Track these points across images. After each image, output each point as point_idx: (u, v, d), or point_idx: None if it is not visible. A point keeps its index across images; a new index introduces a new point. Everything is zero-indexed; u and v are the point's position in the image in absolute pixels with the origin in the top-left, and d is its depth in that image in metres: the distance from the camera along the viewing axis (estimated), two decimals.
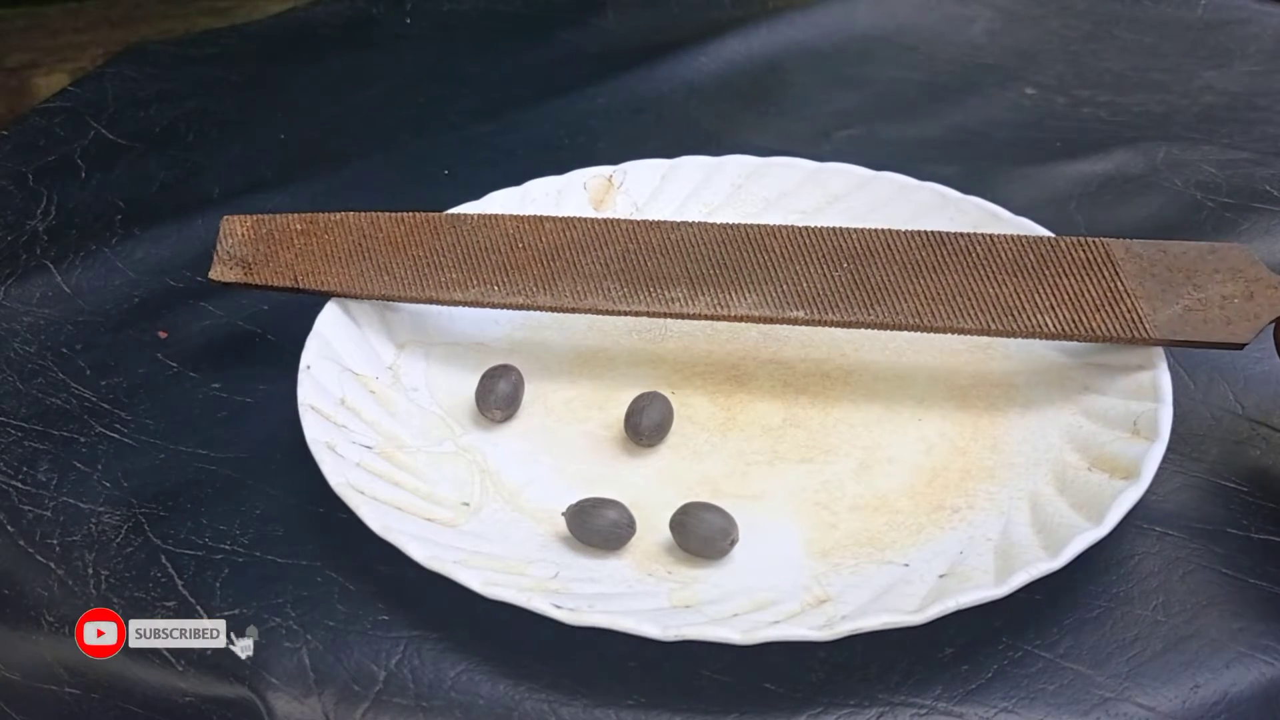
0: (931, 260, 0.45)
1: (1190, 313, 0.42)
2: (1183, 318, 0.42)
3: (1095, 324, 0.42)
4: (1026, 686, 0.36)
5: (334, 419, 0.42)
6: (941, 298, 0.44)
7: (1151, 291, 0.43)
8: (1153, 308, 0.42)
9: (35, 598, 0.41)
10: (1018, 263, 0.44)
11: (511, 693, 0.36)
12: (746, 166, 0.54)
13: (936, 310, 0.43)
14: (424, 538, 0.38)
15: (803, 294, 0.44)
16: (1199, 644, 0.37)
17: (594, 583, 0.38)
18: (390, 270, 0.46)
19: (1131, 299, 0.43)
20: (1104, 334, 0.42)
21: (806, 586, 0.38)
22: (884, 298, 0.44)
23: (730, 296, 0.44)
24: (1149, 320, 0.42)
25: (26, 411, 0.47)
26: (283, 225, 0.48)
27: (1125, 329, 0.42)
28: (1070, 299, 0.43)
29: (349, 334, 0.46)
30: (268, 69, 0.71)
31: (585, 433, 0.45)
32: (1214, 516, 0.41)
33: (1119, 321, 0.42)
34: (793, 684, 0.36)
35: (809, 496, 0.42)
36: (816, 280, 0.44)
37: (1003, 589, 0.36)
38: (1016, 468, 0.42)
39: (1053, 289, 0.43)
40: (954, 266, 0.44)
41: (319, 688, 0.37)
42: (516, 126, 0.64)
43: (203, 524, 0.42)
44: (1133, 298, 0.43)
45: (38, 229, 0.57)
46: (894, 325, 0.43)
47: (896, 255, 0.44)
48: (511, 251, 0.47)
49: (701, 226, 0.46)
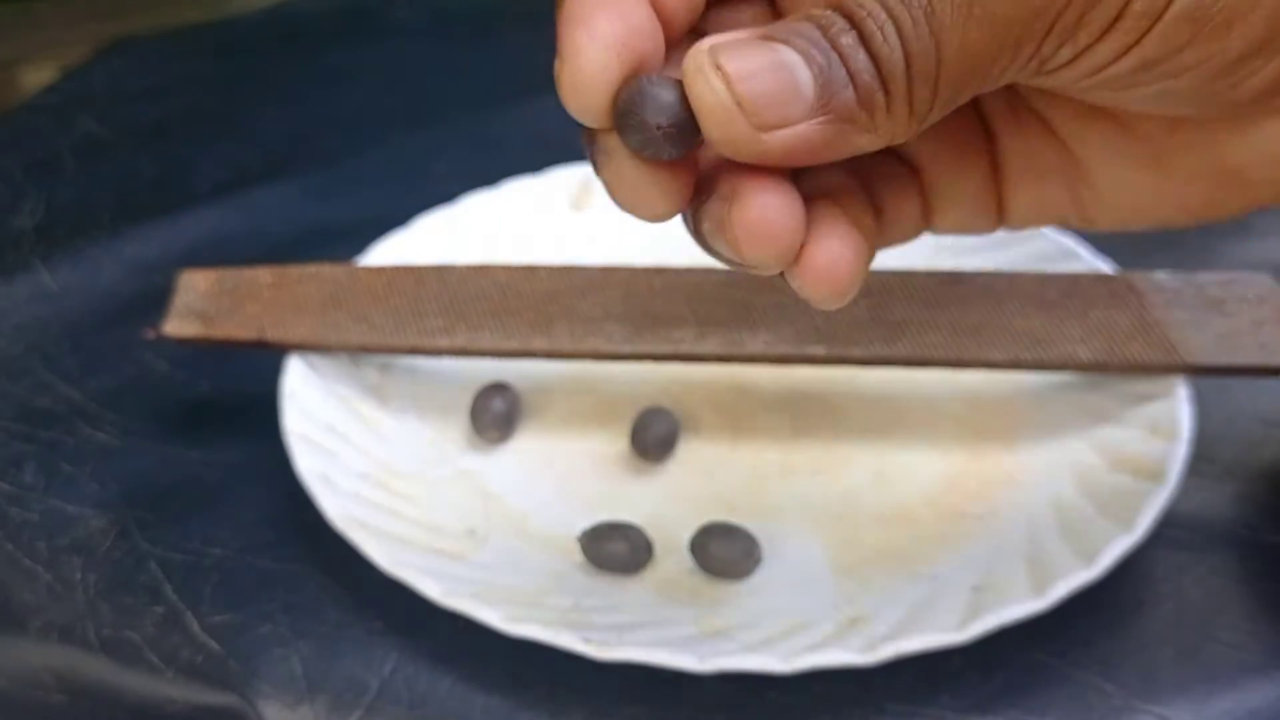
0: (953, 295, 0.43)
1: (1224, 339, 0.41)
2: (1217, 344, 0.41)
3: (1129, 354, 0.41)
4: (1035, 695, 0.36)
5: (325, 446, 0.41)
6: (968, 330, 0.42)
7: (1181, 321, 0.42)
8: (1185, 336, 0.41)
9: (22, 603, 0.41)
10: (1041, 298, 0.43)
11: (508, 702, 0.36)
12: None
13: (964, 343, 0.42)
14: (435, 572, 0.37)
15: (820, 330, 0.42)
16: (1212, 651, 0.36)
17: (616, 611, 0.37)
18: (368, 319, 0.44)
19: (1162, 329, 0.42)
20: (1139, 363, 0.41)
21: (837, 605, 0.37)
22: (907, 331, 0.42)
23: (742, 335, 0.43)
24: (1182, 349, 0.41)
25: (13, 413, 0.47)
26: (249, 279, 0.45)
27: (1158, 358, 0.41)
28: (1100, 330, 0.42)
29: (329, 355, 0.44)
30: (258, 63, 0.70)
31: (588, 451, 0.44)
32: (1227, 520, 0.40)
33: (1152, 351, 0.41)
34: (796, 693, 0.36)
35: (827, 509, 0.41)
36: (834, 316, 0.43)
37: (1044, 601, 0.35)
38: (1035, 471, 0.41)
39: (1080, 321, 0.42)
40: (977, 301, 0.43)
41: (310, 695, 0.36)
42: (512, 121, 0.63)
43: (192, 528, 0.42)
44: (1163, 327, 0.42)
45: (25, 226, 0.57)
46: (920, 361, 0.42)
47: (916, 292, 0.43)
48: (502, 298, 0.44)
49: (708, 270, 0.45)
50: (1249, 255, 0.51)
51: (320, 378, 0.43)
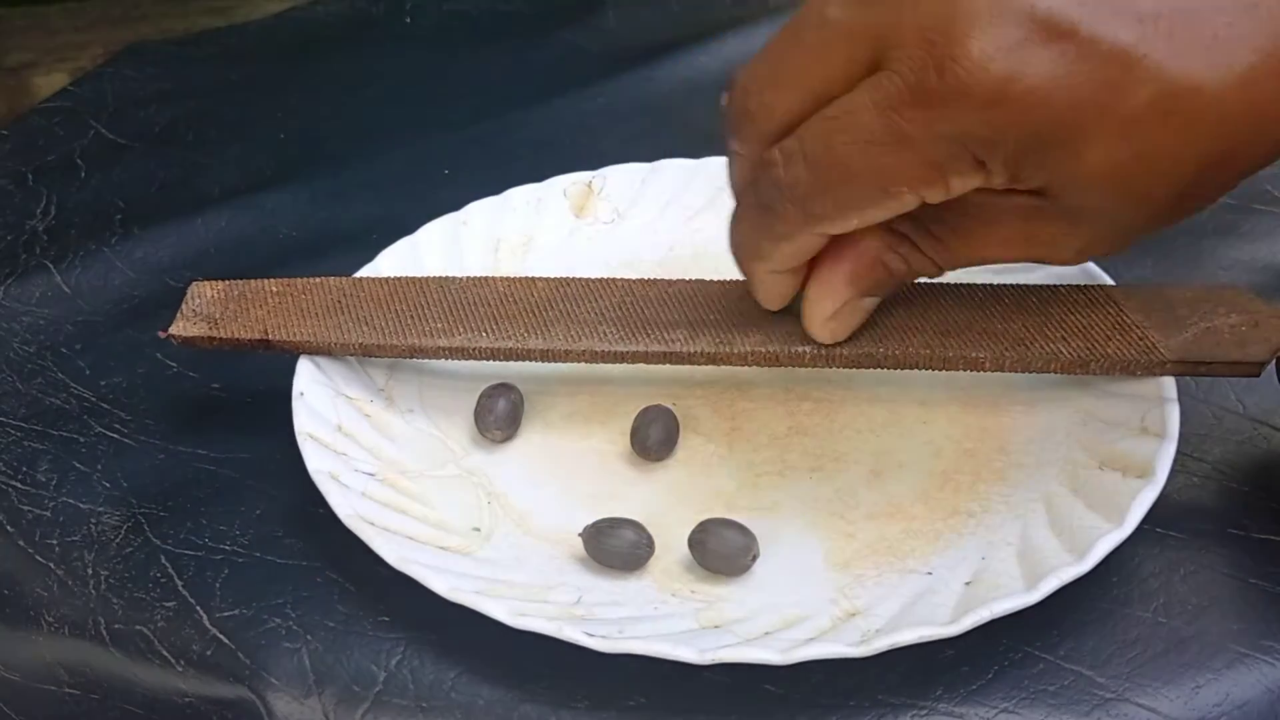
0: (935, 302, 0.44)
1: (1202, 337, 0.42)
2: (1196, 342, 0.42)
3: (1109, 352, 0.42)
4: (1027, 687, 0.36)
5: (334, 447, 0.42)
6: (952, 331, 0.43)
7: (1158, 323, 0.43)
8: (1164, 335, 0.42)
9: (35, 598, 0.41)
10: (1021, 303, 0.44)
11: (512, 694, 0.36)
12: None
13: (948, 343, 0.43)
14: (441, 568, 0.37)
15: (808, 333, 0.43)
16: (1200, 645, 0.37)
17: (618, 606, 0.38)
18: (370, 322, 0.45)
19: (1141, 329, 0.42)
20: (1119, 360, 0.42)
21: (833, 600, 0.38)
22: (893, 334, 0.43)
23: (733, 336, 0.44)
24: (1162, 346, 0.42)
25: (26, 411, 0.47)
26: (256, 288, 0.46)
27: (1140, 354, 0.42)
28: (1080, 331, 0.43)
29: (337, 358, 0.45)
30: (268, 68, 0.71)
31: (590, 449, 0.44)
32: (1215, 516, 0.41)
33: (1133, 348, 0.42)
34: (792, 684, 0.36)
35: (823, 506, 0.42)
36: None
37: (1034, 595, 0.35)
38: (1026, 468, 0.42)
39: (1060, 324, 0.43)
40: (959, 307, 0.44)
41: (319, 688, 0.37)
42: (516, 126, 0.64)
43: (202, 524, 0.42)
44: (1141, 329, 0.42)
45: (37, 229, 0.57)
46: (906, 361, 0.43)
47: (900, 298, 0.44)
48: (501, 304, 0.45)
49: (700, 281, 0.46)
50: (1235, 258, 0.52)
51: (329, 379, 0.44)
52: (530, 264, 0.51)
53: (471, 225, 0.51)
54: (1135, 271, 0.49)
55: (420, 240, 0.50)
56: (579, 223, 0.52)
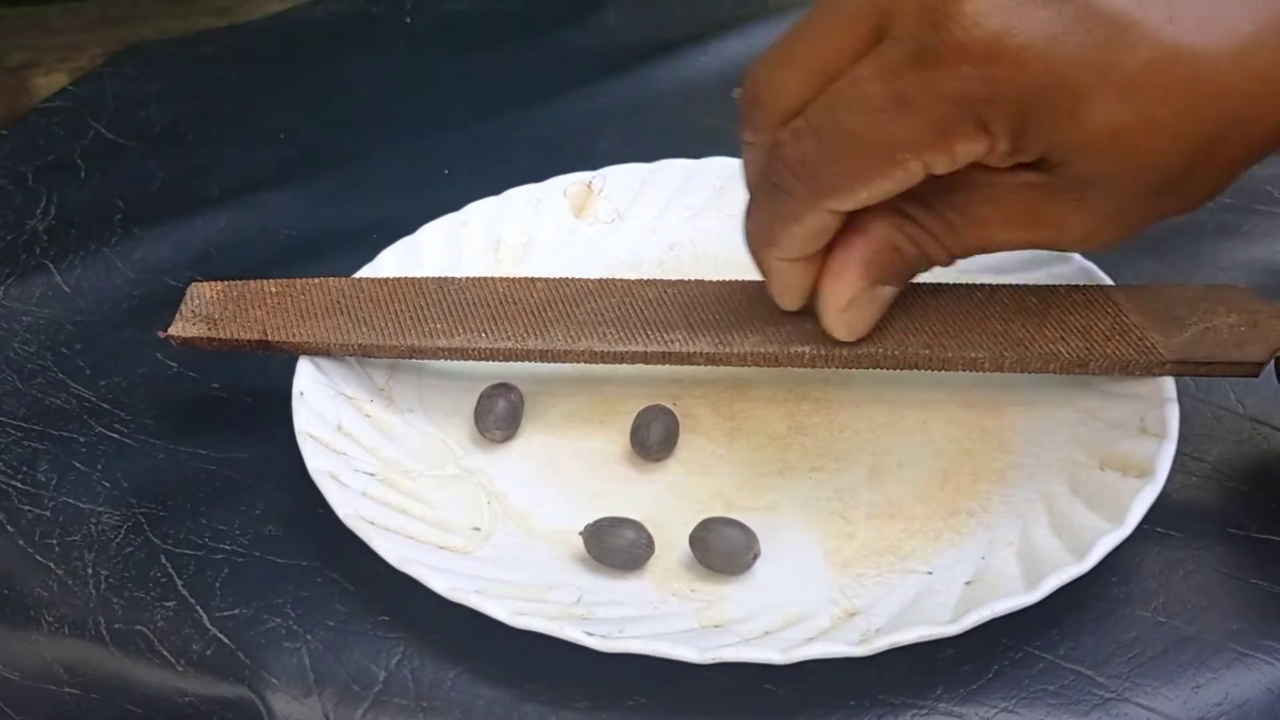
0: (935, 303, 0.44)
1: (1201, 337, 0.42)
2: (1195, 342, 0.42)
3: (1109, 352, 0.42)
4: (1027, 687, 0.36)
5: (334, 446, 0.42)
6: (951, 332, 0.43)
7: (1157, 324, 0.43)
8: (1163, 335, 0.42)
9: (35, 598, 0.41)
10: (1021, 304, 0.44)
11: (512, 694, 0.36)
12: (729, 168, 0.53)
13: (948, 343, 0.43)
14: (441, 568, 0.38)
15: (807, 333, 0.43)
16: (1200, 644, 0.37)
17: (618, 605, 0.38)
18: (370, 323, 0.45)
19: (1140, 329, 0.42)
20: (1118, 360, 0.42)
21: (833, 599, 0.38)
22: (893, 334, 0.43)
23: (733, 336, 0.44)
24: (1162, 346, 0.42)
25: (26, 411, 0.47)
26: (255, 289, 0.46)
27: (1139, 354, 0.42)
28: (1080, 331, 0.43)
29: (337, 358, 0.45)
30: (268, 68, 0.71)
31: (590, 449, 0.44)
32: (1215, 516, 0.41)
33: (1132, 348, 0.42)
34: (792, 684, 0.36)
35: (823, 506, 0.42)
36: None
37: (1034, 595, 0.36)
38: (1026, 468, 0.42)
39: (1059, 324, 0.43)
40: (959, 307, 0.44)
41: (319, 688, 0.37)
42: (516, 126, 0.64)
43: (202, 524, 0.42)
44: (1141, 329, 0.42)
45: (37, 229, 0.57)
46: (906, 361, 0.43)
47: (900, 298, 0.43)
48: (501, 305, 0.46)
49: (700, 281, 0.46)
50: (1235, 258, 0.52)
51: (329, 379, 0.44)
52: (530, 264, 0.51)
53: (471, 225, 0.51)
54: (1135, 271, 0.49)
55: (420, 240, 0.50)
56: (579, 223, 0.53)
